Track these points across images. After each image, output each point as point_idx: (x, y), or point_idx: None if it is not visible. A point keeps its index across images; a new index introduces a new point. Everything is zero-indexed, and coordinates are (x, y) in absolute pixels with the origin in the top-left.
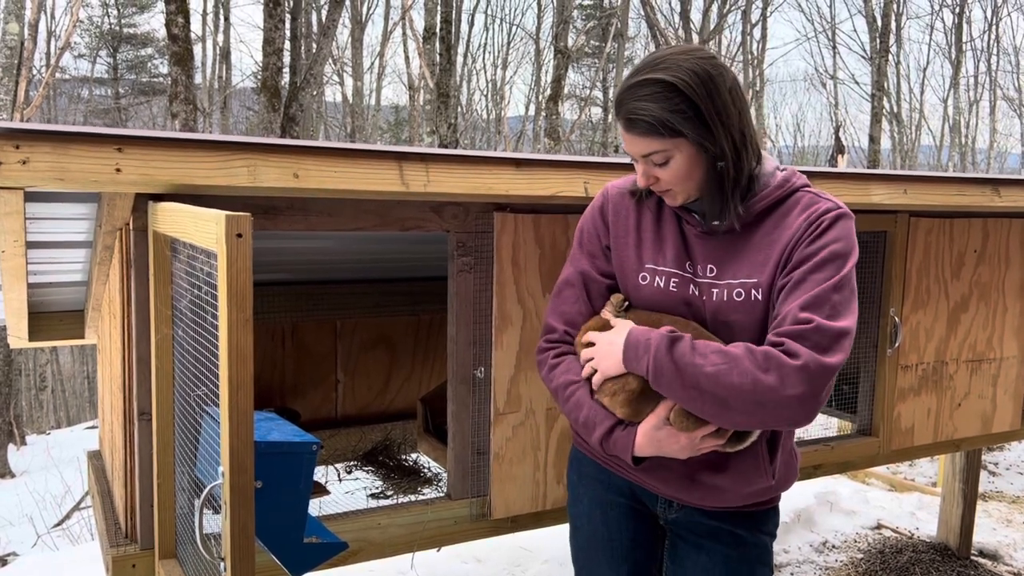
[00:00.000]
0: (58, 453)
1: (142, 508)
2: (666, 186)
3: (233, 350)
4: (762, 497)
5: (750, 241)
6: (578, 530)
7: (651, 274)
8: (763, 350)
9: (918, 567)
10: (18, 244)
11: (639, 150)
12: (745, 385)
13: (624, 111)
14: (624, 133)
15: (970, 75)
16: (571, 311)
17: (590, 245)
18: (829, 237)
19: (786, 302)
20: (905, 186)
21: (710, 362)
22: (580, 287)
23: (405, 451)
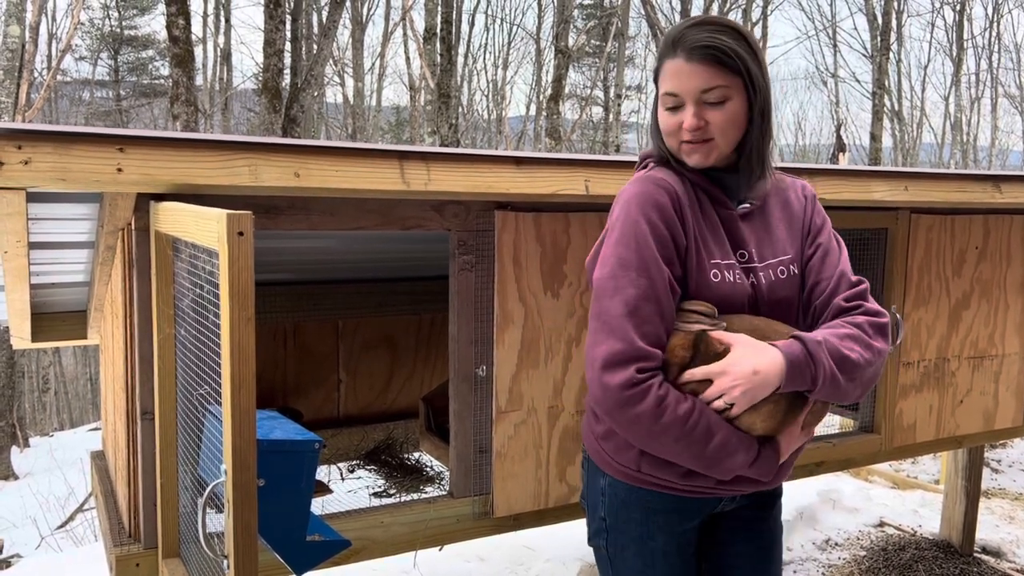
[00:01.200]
0: (61, 455)
1: (145, 507)
2: (712, 133)
3: (235, 348)
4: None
5: (770, 221)
6: (653, 567)
7: (720, 270)
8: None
9: (921, 564)
10: (20, 245)
11: (699, 83)
12: (875, 358)
13: (688, 42)
14: (683, 65)
15: (971, 72)
16: (658, 332)
17: (665, 250)
18: (820, 207)
19: (826, 266)
20: (906, 183)
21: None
22: (665, 302)
23: (407, 450)
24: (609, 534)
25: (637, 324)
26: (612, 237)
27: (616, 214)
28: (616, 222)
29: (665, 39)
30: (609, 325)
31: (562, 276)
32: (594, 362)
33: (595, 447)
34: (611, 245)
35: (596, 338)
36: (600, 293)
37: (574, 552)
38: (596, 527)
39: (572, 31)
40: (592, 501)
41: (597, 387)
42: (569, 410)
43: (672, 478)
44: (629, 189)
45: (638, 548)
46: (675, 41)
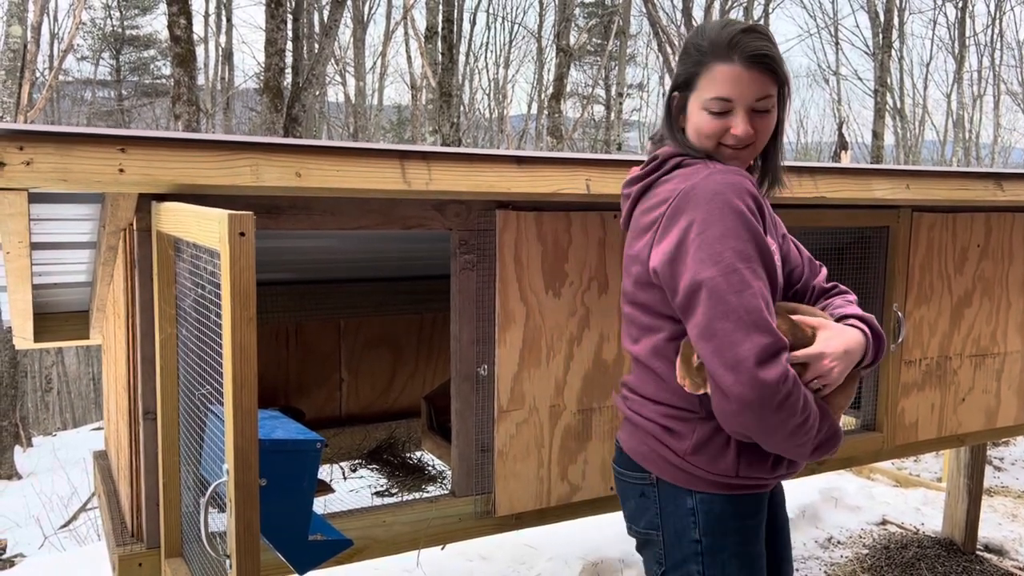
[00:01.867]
0: (64, 455)
1: (148, 507)
2: (756, 139)
3: (237, 348)
4: None
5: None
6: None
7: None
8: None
9: (923, 562)
10: (23, 245)
11: (756, 92)
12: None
13: (747, 49)
14: (742, 72)
15: (973, 70)
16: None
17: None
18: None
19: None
20: (907, 181)
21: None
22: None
23: (409, 449)
24: (705, 556)
25: (771, 315)
26: (713, 231)
27: (702, 208)
28: (710, 216)
29: (714, 40)
30: (749, 320)
31: (563, 275)
32: (743, 362)
33: (679, 466)
34: (716, 240)
35: (734, 337)
36: (724, 290)
37: (576, 551)
38: (682, 555)
39: (573, 29)
40: (677, 528)
41: (750, 386)
42: (571, 409)
43: (764, 474)
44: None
45: (740, 560)
46: (731, 45)
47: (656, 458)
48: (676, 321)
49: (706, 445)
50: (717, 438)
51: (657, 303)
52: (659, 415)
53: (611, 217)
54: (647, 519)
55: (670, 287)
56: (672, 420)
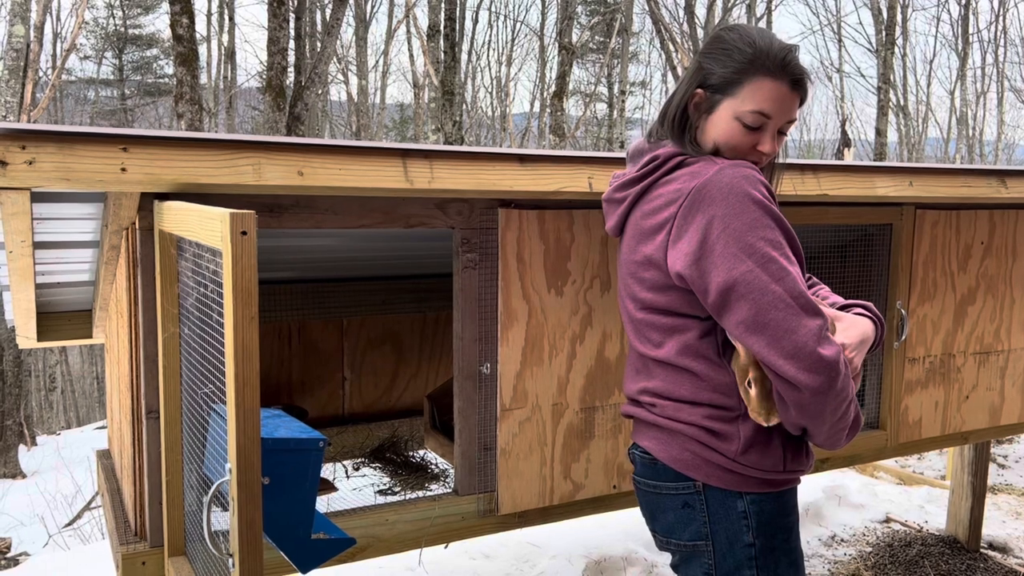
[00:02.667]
0: (68, 453)
1: (151, 506)
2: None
3: (239, 347)
4: None
5: None
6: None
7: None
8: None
9: (927, 560)
10: (25, 244)
11: (792, 114)
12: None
13: (796, 71)
14: (788, 93)
15: (977, 67)
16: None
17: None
18: None
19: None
20: (911, 178)
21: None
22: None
23: (412, 448)
24: (759, 559)
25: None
26: (738, 224)
27: (720, 203)
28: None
29: (764, 53)
30: (798, 305)
31: (566, 273)
32: (803, 347)
33: (730, 468)
34: (744, 232)
35: (788, 324)
36: (765, 281)
37: (579, 549)
38: (735, 561)
39: (576, 27)
40: (729, 532)
41: (817, 369)
42: (573, 407)
43: (802, 465)
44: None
45: (789, 558)
46: (784, 65)
47: (703, 463)
48: (703, 318)
49: (754, 443)
50: (762, 434)
51: (681, 304)
52: (701, 417)
53: None
54: (692, 529)
55: (700, 287)
56: (716, 422)
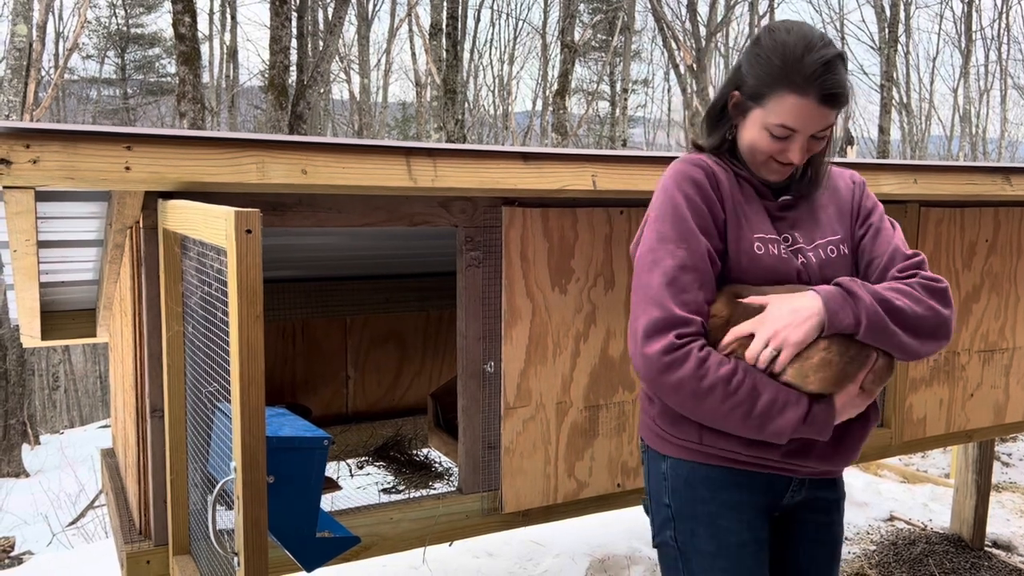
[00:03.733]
0: (72, 452)
1: (155, 505)
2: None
3: (244, 346)
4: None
5: (812, 208)
6: (724, 549)
7: (763, 243)
8: (914, 281)
9: (931, 559)
10: (30, 243)
11: (819, 125)
12: (928, 313)
13: (826, 86)
14: (815, 107)
15: (980, 64)
16: (697, 299)
17: (702, 221)
18: (870, 193)
19: (878, 244)
20: (915, 176)
21: (897, 298)
22: (703, 270)
23: (416, 446)
24: (676, 521)
25: (675, 293)
26: (651, 216)
27: (655, 196)
28: (655, 202)
29: (793, 67)
30: (648, 296)
31: (570, 271)
32: (635, 334)
33: (653, 430)
34: (650, 224)
35: (636, 312)
36: (639, 269)
37: (583, 547)
38: (662, 519)
39: (578, 26)
40: (655, 491)
41: (639, 358)
42: (577, 406)
43: (737, 448)
44: (668, 171)
45: (709, 531)
46: (810, 79)
47: (643, 425)
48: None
49: (666, 409)
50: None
51: None
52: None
53: (617, 213)
54: (646, 485)
55: None
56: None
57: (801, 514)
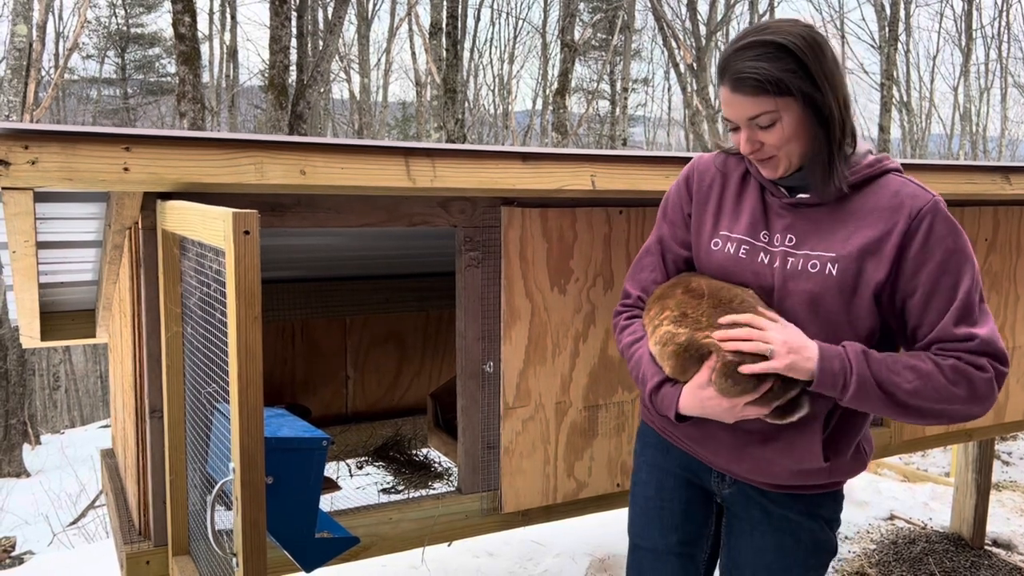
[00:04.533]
0: (72, 452)
1: (155, 505)
2: (770, 152)
3: (242, 347)
4: (816, 479)
5: (834, 216)
6: (635, 497)
7: (723, 240)
8: (951, 364)
9: (931, 558)
10: (29, 244)
11: (745, 112)
12: (940, 400)
13: (731, 72)
14: (729, 95)
15: (980, 63)
16: (647, 278)
17: (672, 214)
18: (939, 235)
19: (930, 313)
20: (915, 175)
21: (906, 379)
22: (658, 255)
23: (415, 446)
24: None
25: (634, 271)
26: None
27: None
28: None
29: (719, 61)
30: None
31: (569, 271)
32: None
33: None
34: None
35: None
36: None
37: (583, 547)
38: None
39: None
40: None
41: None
42: (576, 405)
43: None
44: None
45: (633, 478)
46: (722, 69)
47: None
48: None
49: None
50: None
51: None
52: None
53: (616, 213)
54: None
55: None
56: None
57: (737, 511)
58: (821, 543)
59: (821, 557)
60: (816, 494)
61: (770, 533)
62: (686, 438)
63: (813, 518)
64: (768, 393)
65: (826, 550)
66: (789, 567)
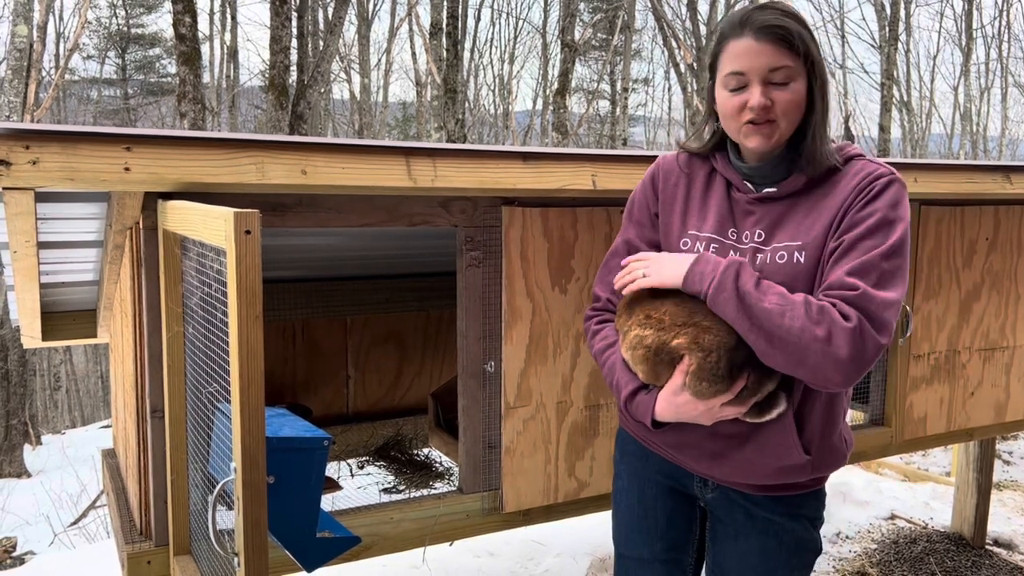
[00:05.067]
0: (73, 452)
1: (156, 505)
2: (776, 114)
3: (243, 346)
4: (797, 477)
5: (799, 207)
6: (617, 506)
7: (692, 239)
8: (819, 304)
9: (932, 557)
10: (30, 244)
11: (768, 62)
12: (794, 329)
13: (756, 23)
14: (753, 44)
15: (981, 62)
16: (613, 280)
17: (639, 214)
18: (879, 203)
19: (835, 267)
20: (915, 174)
21: (769, 300)
22: (624, 255)
23: (416, 446)
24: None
25: (602, 273)
26: None
27: None
28: None
29: (730, 21)
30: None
31: (570, 271)
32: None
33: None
34: None
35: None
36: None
37: (584, 547)
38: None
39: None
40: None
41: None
42: (578, 405)
43: (647, 424)
44: None
45: (615, 486)
46: (743, 21)
47: None
48: None
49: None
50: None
51: None
52: None
53: (617, 213)
54: None
55: None
56: None
57: (721, 515)
58: (804, 543)
59: (804, 557)
60: (799, 494)
61: (754, 536)
62: (665, 445)
63: (796, 519)
64: (743, 391)
65: (809, 550)
66: (773, 569)
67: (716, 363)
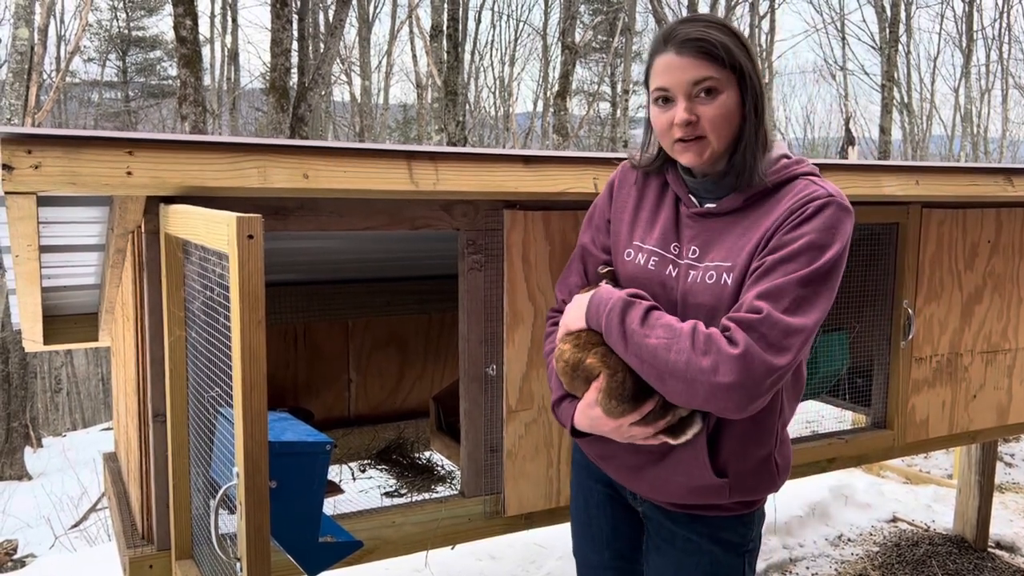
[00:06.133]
0: (74, 455)
1: (158, 509)
2: (704, 129)
3: (246, 351)
4: (712, 499)
5: (737, 226)
6: (572, 516)
7: (635, 251)
8: (707, 332)
9: (935, 560)
10: (31, 248)
11: (690, 75)
12: (679, 364)
13: (678, 38)
14: (674, 59)
15: (981, 64)
16: (573, 284)
17: (598, 219)
18: (809, 226)
19: (749, 289)
20: (917, 177)
21: (655, 335)
22: (580, 260)
23: (418, 449)
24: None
25: (562, 278)
26: None
27: None
28: None
29: (656, 36)
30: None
31: None
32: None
33: None
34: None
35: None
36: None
37: None
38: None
39: (579, 27)
40: None
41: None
42: None
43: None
44: None
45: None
46: (666, 37)
47: None
48: None
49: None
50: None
51: None
52: None
53: None
54: None
55: None
56: None
57: (649, 525)
58: (722, 568)
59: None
60: (719, 516)
61: (673, 552)
62: (593, 455)
63: (715, 542)
64: (650, 414)
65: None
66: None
67: (622, 383)
